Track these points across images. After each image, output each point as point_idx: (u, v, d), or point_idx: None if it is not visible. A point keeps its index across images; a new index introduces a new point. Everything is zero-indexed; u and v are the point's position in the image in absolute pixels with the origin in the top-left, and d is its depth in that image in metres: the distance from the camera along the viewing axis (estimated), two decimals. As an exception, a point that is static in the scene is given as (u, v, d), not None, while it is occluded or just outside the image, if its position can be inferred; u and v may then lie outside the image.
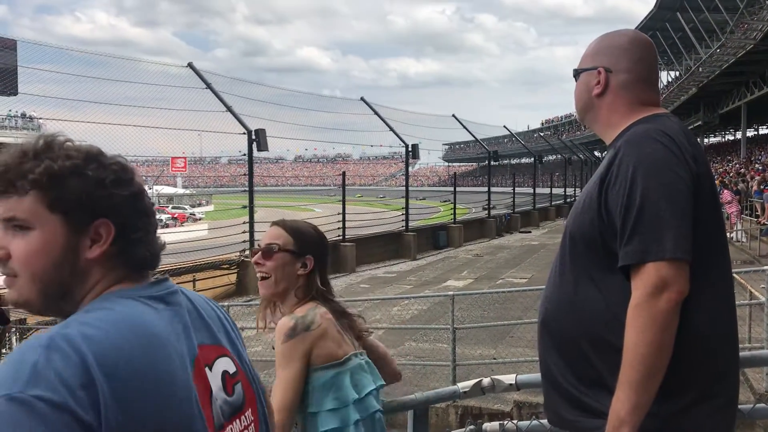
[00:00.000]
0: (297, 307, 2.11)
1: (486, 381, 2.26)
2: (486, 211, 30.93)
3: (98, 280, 1.13)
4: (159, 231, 1.23)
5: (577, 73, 1.89)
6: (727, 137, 65.64)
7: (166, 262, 14.93)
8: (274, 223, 2.23)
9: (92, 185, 1.10)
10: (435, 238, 25.77)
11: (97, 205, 1.10)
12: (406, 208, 23.64)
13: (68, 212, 1.09)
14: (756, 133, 58.56)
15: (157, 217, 1.26)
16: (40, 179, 1.07)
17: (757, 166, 30.66)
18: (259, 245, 2.18)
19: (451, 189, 28.74)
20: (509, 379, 2.24)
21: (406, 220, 23.73)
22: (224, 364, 1.23)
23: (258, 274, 2.16)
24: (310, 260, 2.14)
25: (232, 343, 1.29)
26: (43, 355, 0.95)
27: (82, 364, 0.96)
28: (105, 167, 1.12)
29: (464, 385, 2.31)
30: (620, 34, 1.85)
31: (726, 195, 19.04)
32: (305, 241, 2.16)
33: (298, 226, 2.21)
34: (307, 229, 2.22)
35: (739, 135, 47.09)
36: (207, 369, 1.17)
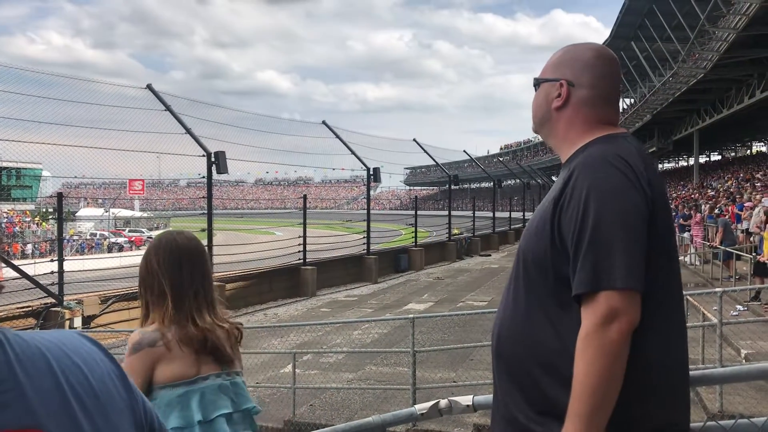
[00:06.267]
0: (153, 323, 2.14)
1: (443, 402, 2.25)
2: (447, 235, 31.10)
3: None
4: (115, 254, 1.06)
5: (537, 83, 1.82)
6: (680, 163, 67.29)
7: (121, 286, 14.60)
8: (153, 238, 2.26)
9: None
10: (396, 261, 25.80)
11: None
12: (368, 231, 23.63)
13: None
14: (708, 159, 60.21)
15: (114, 240, 1.03)
16: None
17: (709, 191, 31.48)
18: None
19: (413, 212, 28.86)
20: (466, 400, 2.24)
21: (368, 244, 23.71)
22: None
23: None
24: (166, 279, 2.16)
25: (73, 419, 0.89)
26: None
27: None
28: None
29: (421, 407, 2.31)
30: (586, 48, 1.78)
31: (698, 218, 19.51)
32: (161, 261, 2.18)
33: (161, 244, 2.23)
34: (170, 245, 2.22)
35: (691, 161, 48.31)
36: None
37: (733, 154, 60.22)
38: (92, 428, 0.91)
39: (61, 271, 13.37)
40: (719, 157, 60.89)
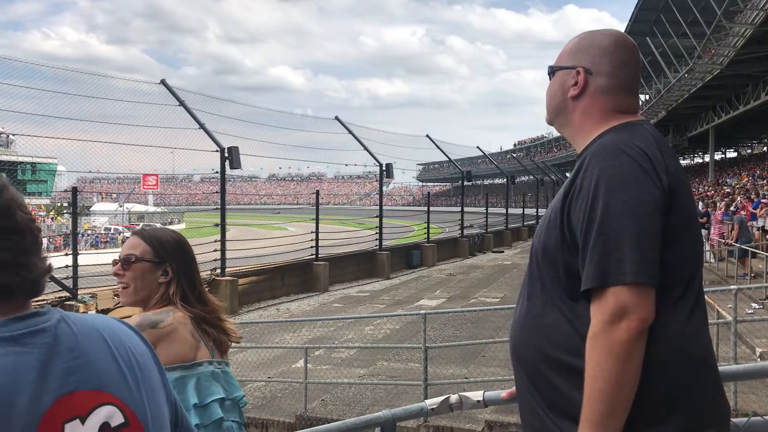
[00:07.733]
0: (158, 307, 2.17)
1: (454, 398, 2.25)
2: (459, 231, 31.05)
3: None
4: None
5: (552, 71, 1.72)
6: (695, 160, 66.81)
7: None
8: (133, 233, 2.29)
9: None
10: (408, 257, 25.77)
11: None
12: (380, 227, 23.62)
13: None
14: (723, 156, 59.75)
15: (128, 235, 1.16)
16: None
17: (725, 188, 31.23)
18: (119, 256, 2.22)
19: (425, 209, 28.83)
20: (477, 395, 2.23)
21: (380, 240, 23.69)
22: (105, 415, 0.99)
23: (118, 284, 2.21)
24: (171, 267, 2.19)
25: (128, 386, 1.04)
26: None
27: None
28: None
29: (432, 402, 2.30)
30: (604, 34, 1.67)
31: (719, 215, 19.38)
32: (165, 249, 2.21)
33: (157, 235, 2.27)
34: (166, 237, 2.27)
35: (707, 158, 47.99)
36: (77, 422, 0.95)
37: (749, 151, 59.66)
38: (140, 396, 1.06)
39: (75, 265, 13.47)
40: (735, 154, 60.41)
